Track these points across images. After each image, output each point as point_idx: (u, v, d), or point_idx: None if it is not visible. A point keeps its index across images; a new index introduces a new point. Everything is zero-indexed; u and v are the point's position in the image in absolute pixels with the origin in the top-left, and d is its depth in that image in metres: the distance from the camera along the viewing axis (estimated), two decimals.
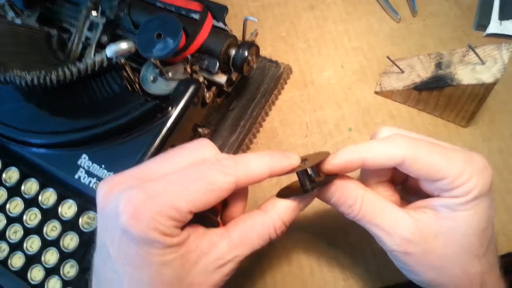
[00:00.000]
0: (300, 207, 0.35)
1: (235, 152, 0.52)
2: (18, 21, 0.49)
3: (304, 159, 0.35)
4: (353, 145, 0.34)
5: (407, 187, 0.40)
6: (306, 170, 0.35)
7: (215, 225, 0.34)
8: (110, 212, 0.29)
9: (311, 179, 0.35)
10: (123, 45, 0.40)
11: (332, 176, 0.35)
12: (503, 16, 0.58)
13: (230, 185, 0.30)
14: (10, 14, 0.50)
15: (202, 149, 0.33)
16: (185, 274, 0.29)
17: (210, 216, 0.34)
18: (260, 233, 0.32)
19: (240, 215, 0.35)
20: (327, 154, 0.35)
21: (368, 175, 0.38)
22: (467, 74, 0.48)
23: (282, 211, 0.33)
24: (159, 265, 0.28)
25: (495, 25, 0.58)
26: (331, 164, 0.34)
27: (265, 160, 0.32)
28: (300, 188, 0.35)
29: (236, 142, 0.52)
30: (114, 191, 0.30)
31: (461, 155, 0.33)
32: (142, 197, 0.28)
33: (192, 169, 0.30)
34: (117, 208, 0.28)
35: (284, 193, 0.36)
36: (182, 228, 0.30)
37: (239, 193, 0.35)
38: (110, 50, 0.40)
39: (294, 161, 0.34)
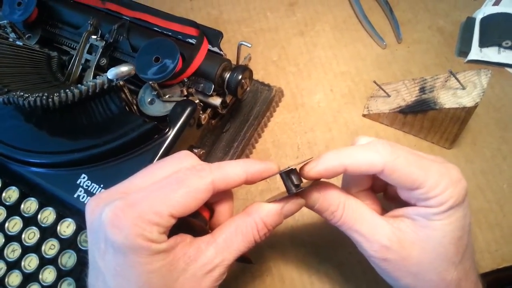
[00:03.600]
0: (285, 212, 0.36)
1: None
2: (19, 42, 0.51)
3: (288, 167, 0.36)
4: (335, 150, 0.35)
5: (387, 195, 0.41)
6: (289, 175, 0.35)
7: (204, 233, 0.35)
8: (96, 225, 0.31)
9: (295, 184, 0.35)
10: (124, 68, 0.42)
11: (315, 182, 0.37)
12: (483, 44, 0.62)
13: (206, 186, 0.32)
14: (12, 36, 0.51)
15: (181, 160, 0.34)
16: (173, 282, 0.30)
17: (198, 224, 0.35)
18: (244, 235, 0.34)
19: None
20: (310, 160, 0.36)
21: (349, 183, 0.39)
22: (449, 98, 0.51)
23: (265, 213, 0.35)
24: (147, 273, 0.29)
25: (475, 52, 0.61)
26: (313, 171, 0.35)
27: (240, 164, 0.34)
28: (286, 192, 0.36)
29: None
30: (100, 205, 0.31)
31: (437, 166, 0.34)
32: (122, 205, 0.30)
33: (170, 177, 0.32)
34: (101, 219, 0.30)
35: (271, 199, 0.37)
36: (169, 236, 0.31)
37: (223, 200, 0.37)
38: (112, 73, 0.42)
39: (270, 165, 0.36)
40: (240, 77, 0.48)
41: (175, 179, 0.31)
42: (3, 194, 0.46)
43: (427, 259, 0.34)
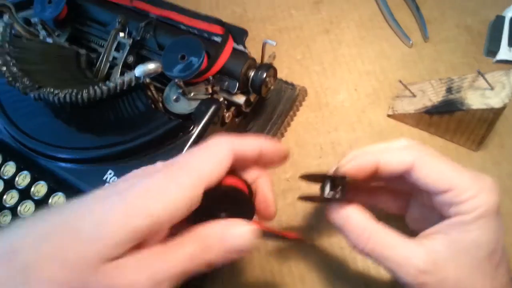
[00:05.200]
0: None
1: None
2: (49, 40, 0.52)
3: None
4: (366, 148, 0.36)
5: (410, 216, 0.40)
6: (332, 179, 0.36)
7: (248, 205, 0.34)
8: None
9: (332, 190, 0.36)
10: (151, 66, 0.43)
11: (346, 197, 0.36)
12: None
13: (225, 150, 0.32)
14: (42, 33, 0.52)
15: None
16: None
17: (247, 202, 0.34)
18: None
19: (270, 204, 0.35)
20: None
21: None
22: (476, 99, 0.50)
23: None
24: None
25: (504, 52, 0.60)
26: (347, 166, 0.35)
27: (254, 137, 0.34)
28: (320, 195, 0.37)
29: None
30: None
31: (469, 171, 0.33)
32: None
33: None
34: None
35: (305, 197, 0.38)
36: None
37: (259, 178, 0.36)
38: (139, 70, 0.43)
39: (282, 146, 0.36)
40: (264, 75, 0.48)
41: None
42: (32, 189, 0.48)
43: (464, 276, 0.32)
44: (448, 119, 0.52)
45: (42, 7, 0.53)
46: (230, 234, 0.30)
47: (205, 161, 0.31)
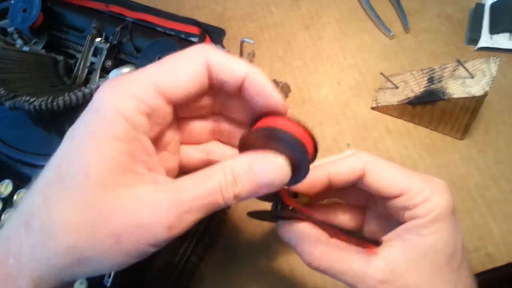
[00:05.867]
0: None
1: None
2: (26, 48, 0.51)
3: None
4: (316, 163, 0.34)
5: (367, 228, 0.40)
6: (279, 196, 0.34)
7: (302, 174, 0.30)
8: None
9: (282, 206, 0.35)
10: (126, 70, 0.43)
11: (298, 213, 0.34)
12: (493, 30, 0.60)
13: (200, 59, 0.28)
14: (19, 42, 0.52)
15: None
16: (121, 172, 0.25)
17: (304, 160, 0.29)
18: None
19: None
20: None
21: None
22: (457, 88, 0.50)
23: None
24: (108, 143, 0.25)
25: (485, 39, 0.60)
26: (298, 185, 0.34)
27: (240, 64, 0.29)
28: (271, 211, 0.35)
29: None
30: None
31: (420, 175, 0.33)
32: (112, 81, 0.27)
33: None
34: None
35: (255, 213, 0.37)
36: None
37: None
38: (114, 75, 0.42)
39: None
40: None
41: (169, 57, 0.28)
42: (15, 197, 0.47)
43: (424, 282, 0.32)
44: (431, 109, 0.52)
45: (17, 16, 0.53)
46: (259, 167, 0.27)
47: (167, 67, 0.28)
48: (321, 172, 0.34)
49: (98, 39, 0.51)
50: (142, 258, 0.25)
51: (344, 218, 0.40)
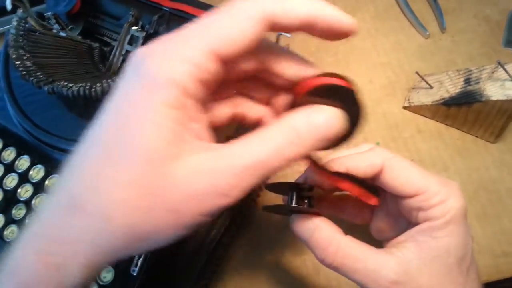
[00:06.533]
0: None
1: None
2: (63, 34, 0.52)
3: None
4: (335, 155, 0.34)
5: (376, 225, 0.39)
6: (299, 188, 0.34)
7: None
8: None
9: (300, 198, 0.35)
10: None
11: (314, 209, 0.34)
12: None
13: (257, 13, 0.25)
14: (56, 27, 0.52)
15: None
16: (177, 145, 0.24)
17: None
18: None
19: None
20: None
21: None
22: (496, 90, 0.49)
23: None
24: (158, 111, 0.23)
25: None
26: (314, 176, 0.34)
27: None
28: (286, 205, 0.36)
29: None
30: None
31: (436, 177, 0.33)
32: (157, 43, 0.25)
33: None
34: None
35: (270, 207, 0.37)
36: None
37: None
38: None
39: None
40: None
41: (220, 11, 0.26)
42: (46, 182, 0.48)
43: (436, 284, 0.32)
44: (466, 110, 0.51)
45: (55, 1, 0.53)
46: (317, 120, 0.26)
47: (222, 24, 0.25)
48: (338, 166, 0.33)
49: (134, 28, 0.51)
50: (198, 228, 0.25)
51: (352, 212, 0.40)
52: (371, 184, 0.34)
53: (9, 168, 0.50)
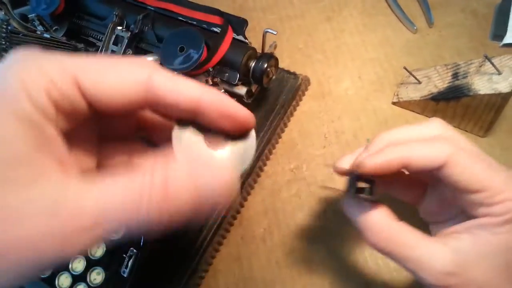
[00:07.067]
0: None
1: (256, 163, 0.53)
2: (47, 35, 0.51)
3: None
4: (394, 134, 0.34)
5: (426, 209, 0.38)
6: (355, 176, 0.33)
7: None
8: None
9: (361, 188, 0.34)
10: (149, 59, 0.42)
11: (373, 197, 0.33)
12: None
13: (141, 74, 0.24)
14: (40, 29, 0.52)
15: None
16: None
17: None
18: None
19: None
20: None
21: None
22: (483, 84, 0.48)
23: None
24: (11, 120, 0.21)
25: (511, 35, 0.59)
26: (370, 164, 0.32)
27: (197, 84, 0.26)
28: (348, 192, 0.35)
29: (255, 153, 0.53)
30: None
31: (504, 172, 0.31)
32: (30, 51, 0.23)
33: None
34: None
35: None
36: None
37: None
38: None
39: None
40: (265, 65, 0.47)
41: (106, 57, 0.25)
42: None
43: (490, 280, 0.31)
44: (454, 105, 0.51)
45: (38, 2, 0.53)
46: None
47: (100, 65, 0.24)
48: (400, 155, 0.31)
49: (119, 28, 0.50)
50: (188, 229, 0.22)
51: (402, 192, 0.39)
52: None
53: None
